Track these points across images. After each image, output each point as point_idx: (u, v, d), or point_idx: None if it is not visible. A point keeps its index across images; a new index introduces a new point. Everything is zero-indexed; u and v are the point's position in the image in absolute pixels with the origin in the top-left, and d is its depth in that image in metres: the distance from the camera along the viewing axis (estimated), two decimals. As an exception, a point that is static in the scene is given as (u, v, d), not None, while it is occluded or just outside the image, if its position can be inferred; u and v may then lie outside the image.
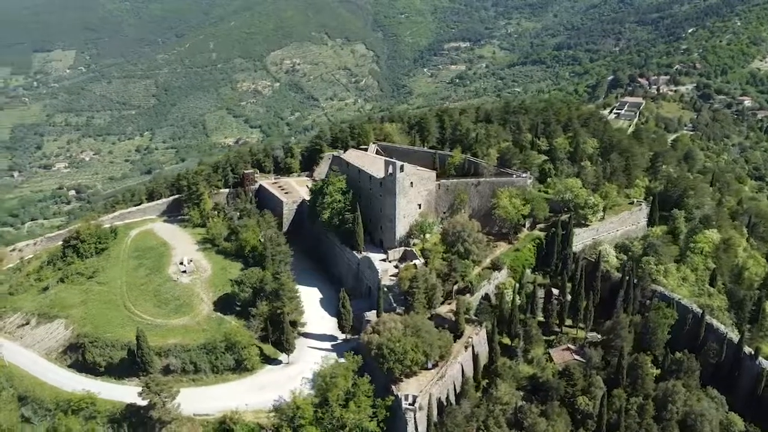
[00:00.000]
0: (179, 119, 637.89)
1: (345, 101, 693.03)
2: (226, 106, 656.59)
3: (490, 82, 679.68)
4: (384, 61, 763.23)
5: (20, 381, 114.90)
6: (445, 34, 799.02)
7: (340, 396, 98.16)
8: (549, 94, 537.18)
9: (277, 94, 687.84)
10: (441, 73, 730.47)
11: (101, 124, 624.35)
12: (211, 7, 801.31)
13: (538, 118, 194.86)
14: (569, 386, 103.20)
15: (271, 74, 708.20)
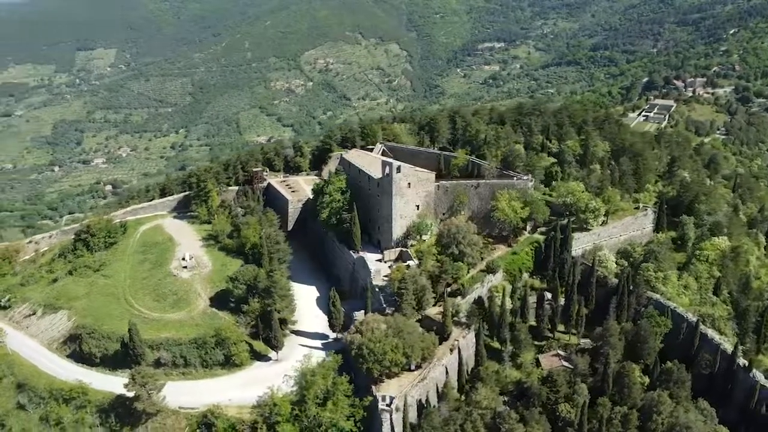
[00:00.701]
0: (214, 117, 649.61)
1: (377, 101, 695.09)
2: (259, 105, 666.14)
3: (524, 83, 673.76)
4: (417, 61, 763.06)
5: (20, 369, 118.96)
6: (479, 34, 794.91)
7: (319, 394, 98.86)
8: (581, 96, 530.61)
9: (310, 93, 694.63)
10: (474, 74, 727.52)
11: (138, 121, 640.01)
12: (248, 7, 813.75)
13: (551, 120, 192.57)
14: (552, 393, 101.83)
15: (305, 73, 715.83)
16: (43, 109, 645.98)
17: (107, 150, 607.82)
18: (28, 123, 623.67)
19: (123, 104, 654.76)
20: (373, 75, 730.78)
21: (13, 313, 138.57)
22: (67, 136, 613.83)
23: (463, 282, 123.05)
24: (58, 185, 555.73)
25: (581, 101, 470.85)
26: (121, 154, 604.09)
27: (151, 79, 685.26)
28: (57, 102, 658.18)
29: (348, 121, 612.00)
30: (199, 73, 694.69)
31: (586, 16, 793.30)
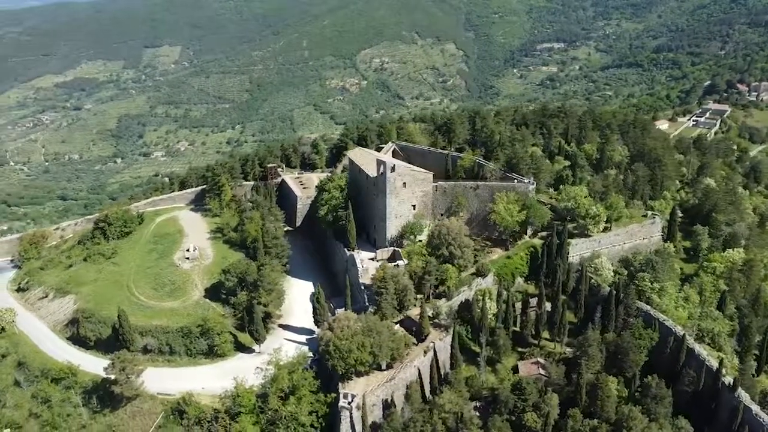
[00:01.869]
0: (269, 114, 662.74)
1: (430, 101, 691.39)
2: (313, 103, 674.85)
3: (581, 85, 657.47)
4: (473, 61, 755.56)
5: (23, 348, 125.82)
6: (539, 34, 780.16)
7: (284, 388, 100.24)
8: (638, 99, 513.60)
9: (363, 91, 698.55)
10: (531, 75, 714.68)
11: (197, 116, 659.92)
12: (308, 6, 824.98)
13: (574, 123, 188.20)
14: (520, 401, 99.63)
15: (360, 72, 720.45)
16: (109, 104, 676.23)
17: (167, 143, 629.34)
18: (95, 116, 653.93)
19: (183, 100, 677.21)
20: (428, 75, 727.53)
21: (29, 295, 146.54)
22: (130, 129, 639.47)
23: (449, 284, 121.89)
24: (120, 176, 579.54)
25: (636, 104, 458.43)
26: (179, 148, 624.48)
27: (211, 76, 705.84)
28: (123, 97, 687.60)
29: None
30: (257, 71, 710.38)
31: (651, 17, 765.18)
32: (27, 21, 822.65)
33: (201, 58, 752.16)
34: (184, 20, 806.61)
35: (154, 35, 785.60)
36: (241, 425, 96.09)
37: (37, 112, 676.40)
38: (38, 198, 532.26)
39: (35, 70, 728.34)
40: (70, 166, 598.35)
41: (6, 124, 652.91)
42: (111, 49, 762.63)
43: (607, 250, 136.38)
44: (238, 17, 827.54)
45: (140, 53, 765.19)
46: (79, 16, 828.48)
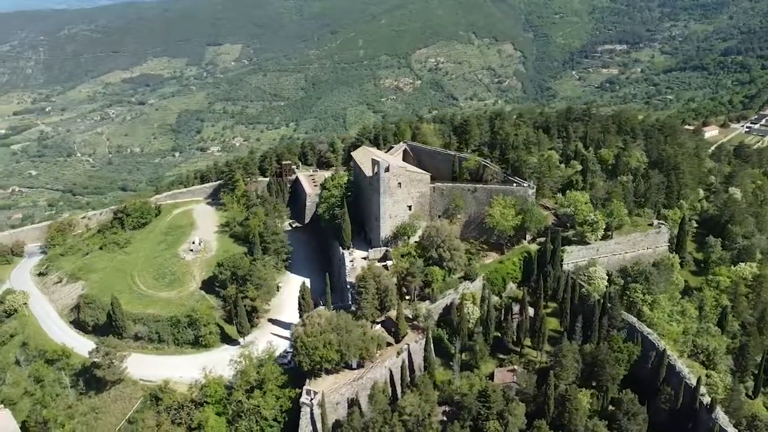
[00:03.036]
0: (322, 112, 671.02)
1: (484, 102, 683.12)
2: (367, 102, 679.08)
3: (641, 88, 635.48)
4: (531, 63, 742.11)
5: (29, 329, 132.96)
6: (600, 35, 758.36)
7: (250, 381, 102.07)
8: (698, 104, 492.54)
9: (417, 91, 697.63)
10: (590, 77, 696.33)
11: (253, 113, 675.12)
12: (367, 5, 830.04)
13: (596, 126, 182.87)
14: (485, 408, 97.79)
15: (414, 72, 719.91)
16: (171, 99, 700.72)
17: (223, 139, 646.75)
18: (157, 111, 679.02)
19: (241, 97, 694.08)
20: (483, 75, 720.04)
21: (47, 279, 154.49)
22: (189, 124, 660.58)
23: (433, 287, 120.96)
24: (177, 170, 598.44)
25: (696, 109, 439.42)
26: (234, 144, 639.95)
27: (269, 74, 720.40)
28: (184, 93, 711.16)
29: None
30: (313, 69, 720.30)
31: (722, 18, 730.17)
32: (99, 19, 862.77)
33: (260, 56, 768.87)
34: (246, 19, 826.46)
35: (216, 34, 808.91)
36: (204, 415, 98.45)
37: (104, 106, 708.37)
38: (101, 188, 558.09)
39: (105, 66, 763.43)
40: (131, 159, 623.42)
41: (76, 117, 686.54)
42: (175, 47, 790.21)
43: (606, 258, 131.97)
44: (298, 16, 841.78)
45: (203, 51, 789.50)
46: (147, 14, 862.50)
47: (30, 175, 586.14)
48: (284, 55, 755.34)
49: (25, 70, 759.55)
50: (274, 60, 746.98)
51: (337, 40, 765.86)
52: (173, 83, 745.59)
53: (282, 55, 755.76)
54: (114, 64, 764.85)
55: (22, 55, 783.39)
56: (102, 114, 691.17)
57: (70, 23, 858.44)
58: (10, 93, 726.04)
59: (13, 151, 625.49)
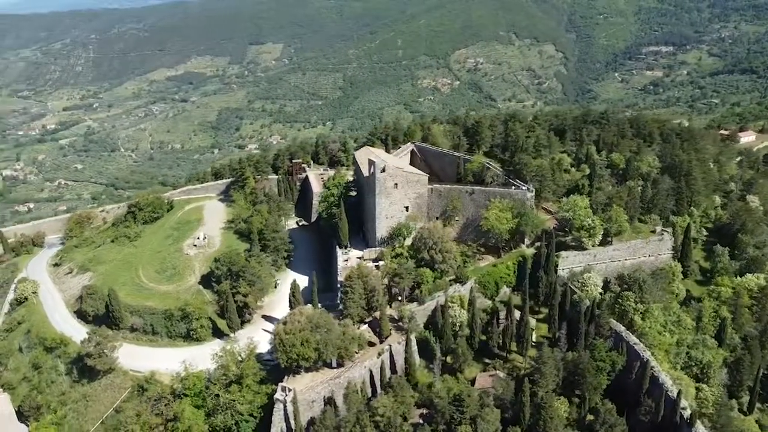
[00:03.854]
0: (359, 111, 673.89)
1: (523, 103, 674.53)
2: (404, 102, 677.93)
3: (686, 92, 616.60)
4: (573, 64, 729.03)
5: (35, 317, 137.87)
6: (645, 36, 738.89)
7: (229, 375, 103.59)
8: (743, 108, 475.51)
9: (455, 92, 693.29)
10: (633, 79, 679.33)
11: (291, 111, 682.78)
12: (406, 6, 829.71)
13: (612, 130, 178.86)
14: (458, 413, 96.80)
15: (453, 72, 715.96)
16: (212, 97, 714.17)
17: (260, 137, 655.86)
18: (198, 109, 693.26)
19: (280, 95, 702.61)
20: (523, 76, 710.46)
21: (59, 270, 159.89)
22: (229, 122, 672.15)
23: (422, 289, 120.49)
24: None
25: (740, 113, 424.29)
26: (271, 142, 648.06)
27: (307, 73, 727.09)
28: (225, 91, 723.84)
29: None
30: (351, 69, 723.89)
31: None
32: (147, 19, 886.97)
33: (300, 56, 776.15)
34: (288, 19, 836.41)
35: (258, 33, 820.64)
36: (180, 406, 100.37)
37: (149, 103, 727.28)
38: (142, 183, 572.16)
39: (151, 64, 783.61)
40: (172, 155, 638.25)
41: (121, 114, 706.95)
42: (219, 46, 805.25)
43: (604, 265, 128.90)
44: (338, 16, 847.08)
45: (245, 50, 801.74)
46: (192, 14, 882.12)
47: (76, 168, 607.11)
48: (323, 55, 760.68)
49: (76, 68, 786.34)
50: (314, 59, 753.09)
51: (376, 39, 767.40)
52: (215, 81, 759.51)
53: (321, 55, 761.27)
54: (159, 62, 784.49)
55: (73, 53, 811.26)
56: (146, 110, 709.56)
57: (119, 22, 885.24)
58: (61, 89, 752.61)
59: (60, 145, 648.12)
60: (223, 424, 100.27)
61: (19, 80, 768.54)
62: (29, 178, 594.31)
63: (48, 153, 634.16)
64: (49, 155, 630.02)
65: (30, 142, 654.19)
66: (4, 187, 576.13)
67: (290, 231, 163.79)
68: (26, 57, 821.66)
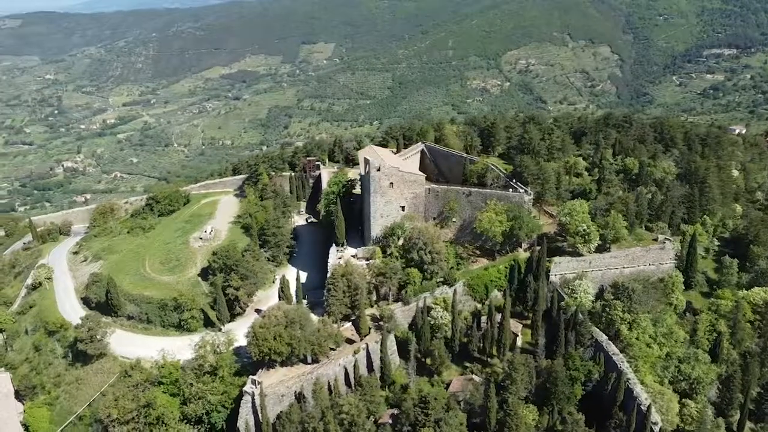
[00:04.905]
0: (407, 111, 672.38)
1: (575, 106, 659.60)
2: (452, 102, 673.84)
3: (748, 96, 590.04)
4: (628, 66, 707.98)
5: (44, 301, 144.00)
6: (708, 39, 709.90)
7: (204, 367, 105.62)
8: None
9: (505, 93, 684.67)
10: (692, 83, 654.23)
11: (339, 110, 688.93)
12: (459, 6, 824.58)
13: (632, 134, 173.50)
14: (423, 415, 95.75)
15: (503, 73, 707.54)
16: (263, 95, 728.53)
17: (308, 135, 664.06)
18: (249, 106, 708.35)
19: (329, 94, 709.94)
20: (576, 78, 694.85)
21: (77, 258, 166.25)
22: (278, 120, 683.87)
23: (407, 289, 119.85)
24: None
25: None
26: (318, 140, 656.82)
27: (357, 73, 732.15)
28: (276, 89, 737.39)
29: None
30: (401, 69, 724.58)
31: None
32: (204, 18, 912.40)
33: (351, 55, 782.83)
34: (340, 18, 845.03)
35: (311, 32, 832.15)
36: (153, 393, 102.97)
37: (203, 100, 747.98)
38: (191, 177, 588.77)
39: (206, 62, 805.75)
40: (222, 151, 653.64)
41: (176, 110, 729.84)
42: (272, 45, 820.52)
43: (600, 272, 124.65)
44: (390, 16, 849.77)
45: (298, 49, 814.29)
46: (248, 13, 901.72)
47: (131, 162, 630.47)
48: (374, 55, 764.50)
49: (136, 65, 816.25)
50: (364, 59, 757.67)
51: (427, 40, 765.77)
52: (267, 80, 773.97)
53: (372, 55, 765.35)
54: (215, 61, 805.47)
55: (134, 51, 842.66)
56: (200, 107, 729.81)
57: (179, 21, 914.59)
58: (122, 86, 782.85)
59: (118, 139, 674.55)
60: (194, 412, 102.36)
61: (83, 76, 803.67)
62: (88, 170, 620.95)
63: (106, 146, 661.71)
64: (107, 148, 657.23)
65: (90, 136, 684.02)
66: (65, 178, 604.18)
67: (298, 227, 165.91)
68: (91, 54, 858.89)
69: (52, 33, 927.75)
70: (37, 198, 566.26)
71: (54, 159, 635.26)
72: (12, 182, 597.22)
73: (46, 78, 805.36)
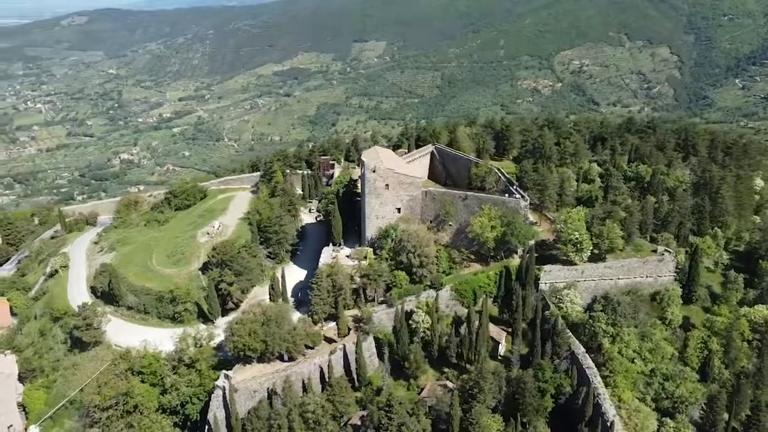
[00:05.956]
0: (454, 111, 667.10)
1: (629, 108, 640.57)
2: (501, 103, 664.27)
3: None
4: (688, 68, 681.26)
5: (56, 288, 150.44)
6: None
7: (183, 359, 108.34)
8: None
9: (556, 94, 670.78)
10: (756, 86, 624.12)
11: (387, 108, 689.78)
12: (514, 5, 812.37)
13: (651, 141, 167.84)
14: (387, 419, 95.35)
15: (556, 74, 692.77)
16: (313, 92, 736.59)
17: (355, 132, 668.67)
18: (299, 103, 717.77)
19: (377, 92, 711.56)
20: (631, 80, 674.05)
21: (96, 248, 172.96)
22: (326, 117, 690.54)
23: (392, 292, 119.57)
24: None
25: None
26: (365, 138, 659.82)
27: (406, 71, 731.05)
28: (325, 87, 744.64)
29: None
30: (450, 68, 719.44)
31: None
32: (260, 16, 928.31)
33: (402, 54, 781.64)
34: (392, 17, 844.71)
35: (363, 30, 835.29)
36: (130, 382, 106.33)
37: (255, 96, 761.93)
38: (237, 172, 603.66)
39: (260, 59, 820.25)
40: (270, 146, 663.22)
41: (229, 105, 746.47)
42: (324, 43, 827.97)
43: (593, 282, 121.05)
44: (443, 14, 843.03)
45: (349, 47, 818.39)
46: (303, 11, 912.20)
47: (183, 155, 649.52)
48: (424, 53, 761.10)
49: (193, 61, 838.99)
50: (414, 58, 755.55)
51: (478, 39, 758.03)
52: (319, 77, 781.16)
53: (422, 53, 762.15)
54: (268, 58, 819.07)
55: (191, 47, 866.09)
56: (252, 103, 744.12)
57: (235, 19, 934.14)
58: (178, 81, 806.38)
59: (172, 133, 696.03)
60: (170, 403, 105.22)
61: (143, 71, 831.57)
62: (143, 162, 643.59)
63: (161, 140, 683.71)
64: (161, 141, 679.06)
65: (147, 129, 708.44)
66: (121, 170, 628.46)
67: (306, 226, 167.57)
68: (151, 50, 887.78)
69: (117, 30, 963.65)
70: (94, 188, 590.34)
71: (112, 151, 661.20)
72: (72, 172, 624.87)
73: (108, 73, 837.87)
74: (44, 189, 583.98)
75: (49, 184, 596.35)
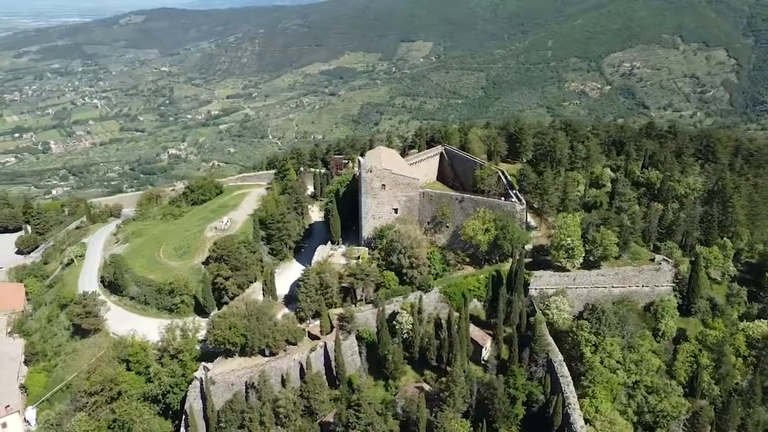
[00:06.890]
0: (498, 113, 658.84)
1: (680, 113, 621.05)
2: (547, 105, 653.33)
3: None
4: (746, 72, 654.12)
5: (69, 277, 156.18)
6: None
7: (168, 350, 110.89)
8: None
9: (604, 97, 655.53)
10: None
11: (430, 109, 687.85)
12: (564, 6, 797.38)
13: (669, 147, 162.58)
14: (356, 420, 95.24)
15: (605, 76, 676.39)
16: (358, 92, 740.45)
17: (397, 133, 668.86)
18: (343, 102, 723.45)
19: (421, 92, 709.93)
20: (684, 84, 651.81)
21: (113, 239, 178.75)
22: (369, 116, 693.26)
23: (379, 292, 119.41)
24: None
25: None
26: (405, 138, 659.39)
27: (451, 72, 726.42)
28: (370, 86, 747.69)
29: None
30: (496, 69, 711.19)
31: None
32: (309, 15, 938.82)
33: (448, 54, 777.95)
34: (440, 17, 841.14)
35: (410, 30, 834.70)
36: (116, 370, 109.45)
37: (301, 95, 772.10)
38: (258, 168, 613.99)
39: (307, 58, 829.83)
40: (312, 145, 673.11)
41: (275, 104, 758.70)
42: (371, 42, 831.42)
43: (586, 290, 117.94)
44: (491, 15, 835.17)
45: (396, 47, 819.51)
46: (350, 11, 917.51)
47: (228, 152, 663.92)
48: (470, 54, 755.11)
49: (242, 60, 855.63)
50: (460, 58, 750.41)
51: (526, 40, 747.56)
52: (364, 77, 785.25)
53: (468, 54, 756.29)
54: (315, 57, 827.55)
55: (241, 46, 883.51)
56: (297, 102, 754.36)
57: (285, 18, 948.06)
58: (227, 79, 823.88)
59: (219, 129, 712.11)
60: (152, 392, 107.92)
61: (194, 69, 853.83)
62: (189, 157, 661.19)
63: (208, 136, 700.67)
64: (208, 138, 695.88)
65: (195, 125, 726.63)
66: (168, 164, 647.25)
67: (315, 224, 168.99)
68: (203, 49, 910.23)
69: (172, 28, 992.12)
70: (142, 181, 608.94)
71: (161, 146, 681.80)
72: (123, 165, 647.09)
73: (161, 70, 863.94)
74: (96, 181, 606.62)
75: (100, 177, 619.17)
